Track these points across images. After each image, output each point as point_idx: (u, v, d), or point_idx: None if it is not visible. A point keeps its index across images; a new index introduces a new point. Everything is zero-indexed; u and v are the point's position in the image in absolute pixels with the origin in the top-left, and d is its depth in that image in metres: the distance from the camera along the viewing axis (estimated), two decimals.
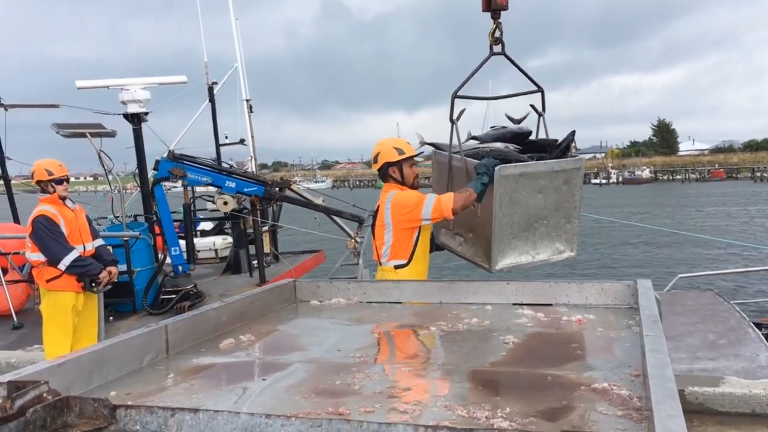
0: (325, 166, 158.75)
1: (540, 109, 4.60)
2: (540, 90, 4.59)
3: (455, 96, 4.48)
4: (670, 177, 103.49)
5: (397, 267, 4.77)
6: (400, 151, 4.80)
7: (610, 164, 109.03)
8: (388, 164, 4.84)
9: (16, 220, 10.72)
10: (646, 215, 42.27)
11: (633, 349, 2.54)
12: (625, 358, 2.45)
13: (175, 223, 10.20)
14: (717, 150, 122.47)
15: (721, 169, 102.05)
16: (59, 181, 6.22)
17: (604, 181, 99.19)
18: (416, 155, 4.91)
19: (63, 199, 6.29)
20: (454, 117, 4.56)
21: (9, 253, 8.88)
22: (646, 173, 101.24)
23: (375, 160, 4.94)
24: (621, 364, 2.38)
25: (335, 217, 9.90)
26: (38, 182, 6.31)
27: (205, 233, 14.95)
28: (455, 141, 4.69)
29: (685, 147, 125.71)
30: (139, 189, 10.34)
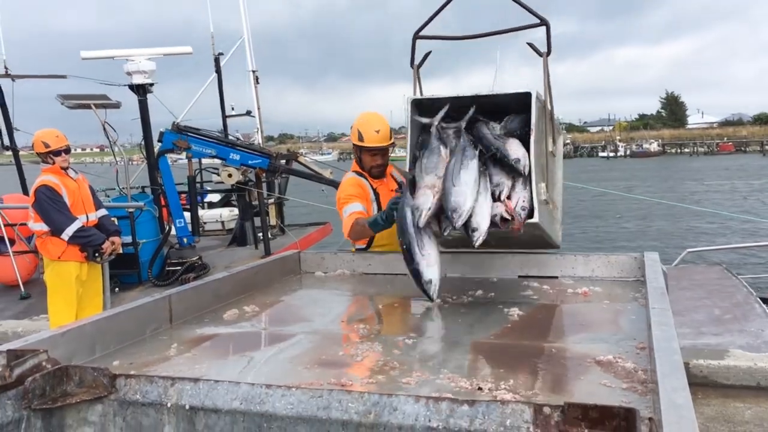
0: (332, 138, 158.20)
1: (544, 48, 3.54)
2: (544, 23, 3.55)
3: (417, 37, 3.80)
4: (679, 150, 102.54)
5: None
6: (360, 137, 4.31)
7: (618, 137, 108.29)
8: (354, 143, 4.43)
9: (25, 191, 10.72)
10: (653, 188, 42.02)
11: (639, 322, 2.52)
12: (631, 331, 2.43)
13: (181, 195, 10.20)
14: (726, 123, 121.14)
15: (730, 143, 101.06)
16: (57, 153, 6.18)
17: (611, 154, 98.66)
18: (375, 148, 4.29)
19: (65, 169, 6.27)
20: (416, 62, 3.85)
21: (16, 224, 8.92)
22: (654, 146, 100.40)
23: None
24: (626, 337, 2.36)
25: None
26: (38, 154, 6.29)
27: (212, 205, 14.96)
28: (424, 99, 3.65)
29: (694, 120, 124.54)
30: (145, 161, 10.33)
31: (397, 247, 4.31)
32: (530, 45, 3.59)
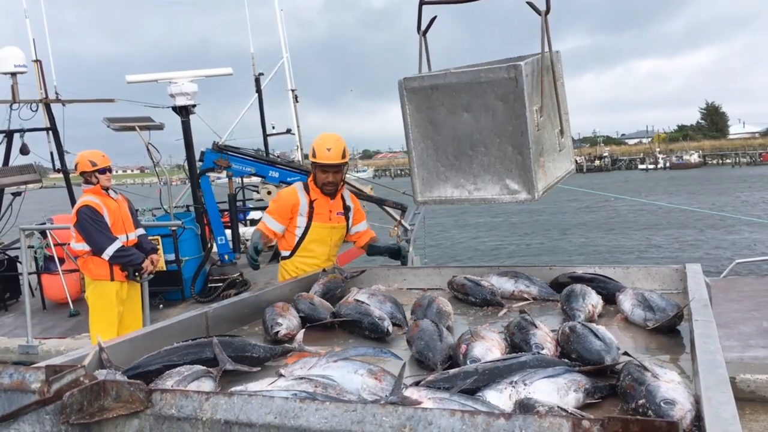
0: (366, 155, 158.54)
1: (543, 6, 3.38)
2: None
3: (423, 3, 3.67)
4: (720, 161, 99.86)
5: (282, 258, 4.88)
6: (314, 154, 4.50)
7: (657, 149, 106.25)
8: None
9: None
10: (697, 200, 41.09)
11: (682, 335, 2.45)
12: (674, 345, 2.37)
13: (224, 213, 10.33)
14: None
15: None
16: (102, 171, 6.31)
17: (651, 167, 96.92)
18: (325, 164, 4.41)
19: (106, 189, 6.39)
20: (423, 28, 3.73)
21: (65, 244, 9.14)
22: (694, 157, 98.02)
23: None
24: (668, 350, 2.30)
25: (386, 207, 9.84)
26: (82, 173, 6.41)
27: (255, 222, 15.13)
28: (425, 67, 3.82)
29: (735, 130, 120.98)
30: (186, 180, 10.52)
31: (322, 258, 4.60)
32: (529, 3, 3.40)
